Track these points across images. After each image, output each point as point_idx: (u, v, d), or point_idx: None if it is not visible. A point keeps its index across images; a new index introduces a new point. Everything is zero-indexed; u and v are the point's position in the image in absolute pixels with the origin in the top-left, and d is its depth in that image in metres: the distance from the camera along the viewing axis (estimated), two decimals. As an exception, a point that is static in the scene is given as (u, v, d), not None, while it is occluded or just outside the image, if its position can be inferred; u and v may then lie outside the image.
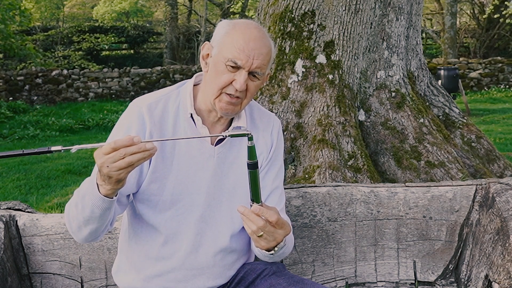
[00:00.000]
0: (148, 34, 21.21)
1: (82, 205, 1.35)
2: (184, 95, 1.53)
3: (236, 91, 1.43)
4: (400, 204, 1.96)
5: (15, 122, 9.98)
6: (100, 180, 1.28)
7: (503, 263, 1.64)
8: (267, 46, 1.46)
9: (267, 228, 1.32)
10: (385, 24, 4.04)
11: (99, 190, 1.30)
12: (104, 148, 1.22)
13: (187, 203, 1.49)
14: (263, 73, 1.47)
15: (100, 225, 1.39)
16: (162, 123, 1.49)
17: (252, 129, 1.58)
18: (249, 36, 1.43)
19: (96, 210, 1.33)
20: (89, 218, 1.36)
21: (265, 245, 1.36)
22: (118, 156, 1.20)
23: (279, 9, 4.02)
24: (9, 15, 12.90)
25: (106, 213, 1.36)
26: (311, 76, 3.88)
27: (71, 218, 1.42)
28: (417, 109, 4.05)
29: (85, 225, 1.39)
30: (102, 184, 1.29)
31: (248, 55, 1.41)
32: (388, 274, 1.99)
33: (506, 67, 13.98)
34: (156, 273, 1.51)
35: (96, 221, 1.37)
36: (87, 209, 1.34)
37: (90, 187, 1.33)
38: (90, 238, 1.44)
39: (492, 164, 4.23)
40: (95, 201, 1.32)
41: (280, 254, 1.46)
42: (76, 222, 1.40)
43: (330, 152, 3.61)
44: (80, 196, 1.37)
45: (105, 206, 1.33)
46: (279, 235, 1.35)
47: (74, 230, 1.43)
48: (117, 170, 1.22)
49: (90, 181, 1.35)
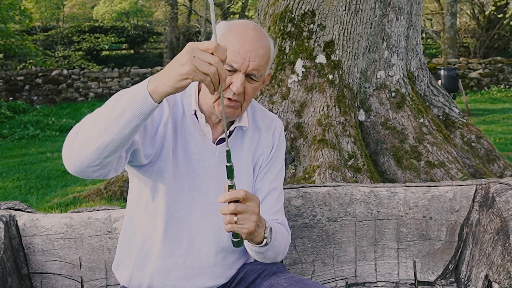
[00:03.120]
0: (148, 34, 21.21)
1: (115, 105, 1.23)
2: (189, 92, 1.54)
3: (234, 94, 1.42)
4: (400, 204, 1.96)
5: (15, 122, 9.98)
6: (164, 74, 1.19)
7: (503, 263, 1.64)
8: (264, 47, 1.45)
9: (239, 208, 1.28)
10: (385, 24, 4.04)
11: (147, 87, 1.21)
12: (204, 44, 1.17)
13: (187, 200, 1.50)
14: (260, 75, 1.45)
15: (112, 144, 1.24)
16: (174, 113, 1.50)
17: (253, 130, 1.58)
18: (245, 37, 1.42)
19: (128, 112, 1.20)
20: (113, 122, 1.22)
21: (250, 227, 1.31)
22: (209, 58, 1.16)
23: (279, 9, 4.02)
24: (9, 14, 12.90)
25: (132, 129, 1.23)
26: (311, 76, 3.88)
27: (87, 123, 1.26)
28: (417, 109, 4.05)
29: (101, 133, 1.23)
30: (162, 78, 1.19)
31: (243, 58, 1.40)
32: (388, 274, 1.99)
33: (506, 67, 13.99)
34: (157, 270, 1.51)
35: (116, 131, 1.22)
36: (119, 108, 1.22)
37: (130, 89, 1.23)
38: (90, 160, 1.27)
39: (492, 164, 4.23)
40: (135, 98, 1.21)
41: (273, 246, 1.45)
42: (92, 127, 1.25)
43: (330, 152, 3.61)
44: (115, 97, 1.25)
45: (140, 110, 1.21)
46: (252, 207, 1.31)
47: (82, 141, 1.26)
48: (198, 66, 1.15)
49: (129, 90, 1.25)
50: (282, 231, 1.53)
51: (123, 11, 24.34)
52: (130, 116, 1.21)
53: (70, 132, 1.30)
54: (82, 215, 1.90)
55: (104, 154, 1.26)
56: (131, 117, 1.21)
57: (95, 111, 1.28)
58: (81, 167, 1.29)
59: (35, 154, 7.38)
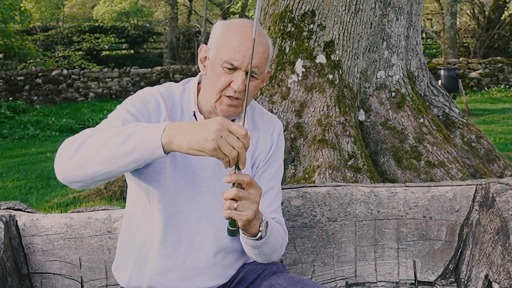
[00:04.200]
0: (148, 34, 21.21)
1: (126, 139, 1.21)
2: (189, 93, 1.54)
3: (235, 92, 1.43)
4: (400, 204, 1.96)
5: (15, 122, 9.98)
6: (184, 134, 1.18)
7: (503, 263, 1.64)
8: (263, 44, 1.45)
9: (241, 193, 1.27)
10: (385, 24, 4.04)
11: (161, 136, 1.19)
12: (234, 127, 1.17)
13: (187, 201, 1.49)
14: (261, 72, 1.46)
15: (110, 174, 1.25)
16: (172, 115, 1.50)
17: (252, 130, 1.58)
18: (244, 35, 1.42)
19: (137, 153, 1.20)
20: (119, 156, 1.21)
21: (248, 214, 1.30)
22: (235, 142, 1.17)
23: (279, 9, 4.02)
24: (9, 14, 12.90)
25: (134, 167, 1.24)
26: (311, 76, 3.88)
27: (92, 143, 1.25)
28: (417, 109, 4.05)
29: (104, 161, 1.23)
30: (181, 137, 1.18)
31: (243, 55, 1.40)
32: (388, 274, 1.99)
33: (506, 67, 13.98)
34: (156, 271, 1.51)
35: (119, 165, 1.22)
36: (129, 146, 1.20)
37: (145, 129, 1.21)
38: (82, 178, 1.27)
39: (492, 164, 4.23)
40: (147, 143, 1.19)
41: (269, 242, 1.45)
42: (96, 150, 1.24)
43: (330, 152, 3.61)
44: (129, 130, 1.23)
45: (149, 156, 1.20)
46: (254, 195, 1.30)
47: (82, 160, 1.25)
48: (222, 146, 1.15)
49: (147, 127, 1.22)
50: (279, 229, 1.53)
51: (123, 11, 24.34)
52: (137, 157, 1.22)
53: (69, 143, 1.30)
54: (82, 215, 1.90)
55: (98, 179, 1.28)
56: (138, 158, 1.22)
57: (103, 133, 1.27)
58: (71, 181, 1.30)
59: (35, 154, 7.38)
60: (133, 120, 1.41)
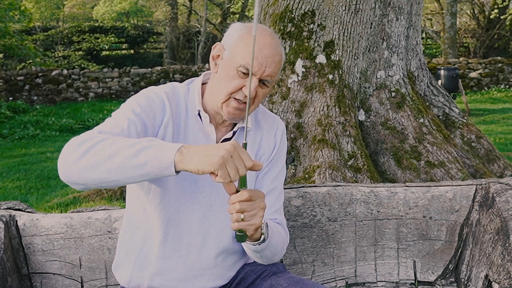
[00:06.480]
0: (148, 34, 21.21)
1: (140, 151, 1.21)
2: (193, 92, 1.53)
3: (245, 97, 1.42)
4: (400, 204, 1.96)
5: (15, 122, 9.98)
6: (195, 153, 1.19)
7: (503, 263, 1.64)
8: (279, 54, 1.46)
9: (244, 206, 1.27)
10: (385, 24, 4.04)
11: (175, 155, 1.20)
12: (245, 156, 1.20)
13: (189, 201, 1.49)
14: (273, 80, 1.47)
15: (116, 183, 1.25)
16: (177, 115, 1.49)
17: (256, 131, 1.58)
18: (263, 43, 1.41)
19: (149, 167, 1.20)
20: (130, 167, 1.21)
21: (257, 222, 1.31)
22: (241, 168, 1.19)
23: (279, 9, 4.02)
24: (9, 14, 12.90)
25: (140, 180, 1.25)
26: (311, 76, 3.88)
27: (102, 149, 1.24)
28: (417, 109, 4.05)
29: (113, 170, 1.22)
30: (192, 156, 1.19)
31: (261, 63, 1.41)
32: (388, 274, 1.99)
33: (506, 67, 13.98)
34: (157, 271, 1.51)
35: (127, 176, 1.22)
36: (141, 159, 1.20)
37: (160, 146, 1.22)
38: (86, 182, 1.26)
39: (492, 164, 4.23)
40: (160, 160, 1.20)
41: (271, 245, 1.45)
42: (106, 157, 1.23)
43: (330, 152, 3.61)
44: (144, 143, 1.23)
45: (159, 172, 1.21)
46: (259, 203, 1.31)
47: (90, 164, 1.24)
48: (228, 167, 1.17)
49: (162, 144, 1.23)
50: (279, 230, 1.53)
51: (123, 11, 24.34)
52: (148, 172, 1.22)
53: (77, 143, 1.28)
54: (82, 215, 1.90)
55: (102, 185, 1.27)
56: (148, 172, 1.22)
57: (116, 142, 1.25)
58: (73, 182, 1.29)
59: (35, 154, 7.38)
60: (138, 120, 1.39)
